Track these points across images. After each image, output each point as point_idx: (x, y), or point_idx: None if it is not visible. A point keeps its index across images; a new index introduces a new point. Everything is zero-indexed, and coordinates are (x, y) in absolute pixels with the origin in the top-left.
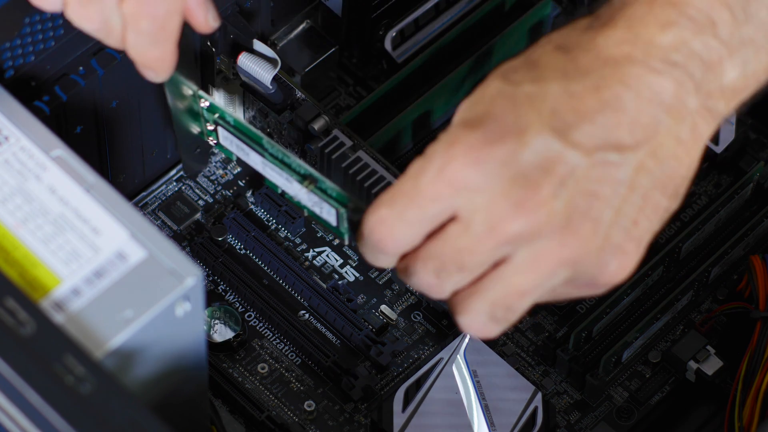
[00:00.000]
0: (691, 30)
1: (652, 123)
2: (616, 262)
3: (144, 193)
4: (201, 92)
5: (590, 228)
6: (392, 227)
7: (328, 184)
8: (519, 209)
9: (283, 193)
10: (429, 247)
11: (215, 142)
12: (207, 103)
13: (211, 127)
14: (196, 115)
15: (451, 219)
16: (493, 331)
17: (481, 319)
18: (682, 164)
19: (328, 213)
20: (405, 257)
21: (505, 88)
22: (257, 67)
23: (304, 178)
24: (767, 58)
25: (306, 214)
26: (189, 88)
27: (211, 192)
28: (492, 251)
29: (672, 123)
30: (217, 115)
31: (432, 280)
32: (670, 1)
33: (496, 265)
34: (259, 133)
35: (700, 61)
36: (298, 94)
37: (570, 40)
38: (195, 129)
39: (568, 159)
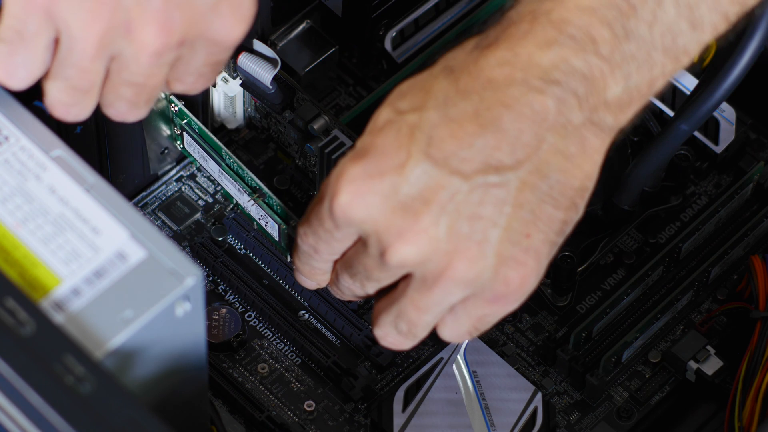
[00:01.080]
0: (572, 48)
1: (534, 141)
2: (515, 274)
3: (144, 193)
4: (172, 97)
5: (476, 249)
6: (314, 242)
7: (275, 200)
8: (401, 239)
9: (237, 204)
10: (346, 257)
11: (182, 146)
12: (176, 108)
13: (178, 131)
14: (167, 118)
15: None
16: (403, 343)
17: (389, 331)
18: (573, 177)
19: (272, 228)
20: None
21: (393, 117)
22: (257, 67)
23: (253, 191)
24: (649, 73)
25: (256, 227)
26: (162, 92)
27: (211, 192)
28: (390, 272)
29: (556, 139)
30: (185, 121)
31: (351, 284)
32: (551, 20)
33: (405, 277)
34: (219, 143)
35: (582, 77)
36: (298, 94)
37: (457, 62)
38: (165, 131)
39: (448, 186)
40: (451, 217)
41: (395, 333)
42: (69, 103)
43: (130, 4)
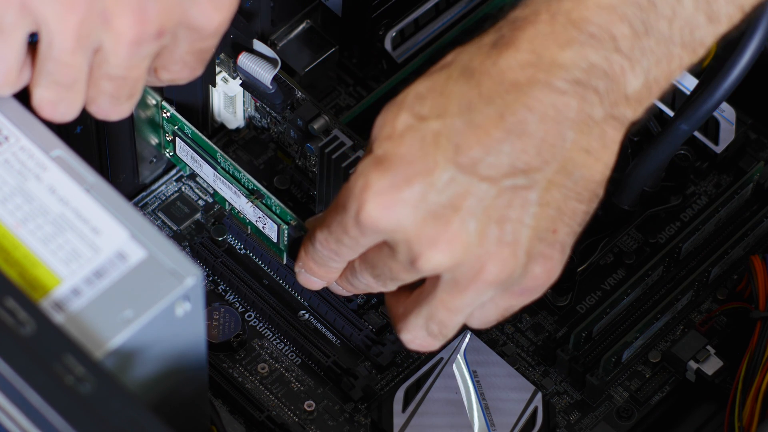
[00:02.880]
0: (593, 46)
1: (559, 141)
2: (541, 268)
3: (144, 193)
4: (164, 103)
5: (509, 251)
6: (337, 247)
7: (274, 200)
8: (433, 247)
9: (231, 209)
10: (368, 258)
11: (171, 153)
12: (168, 114)
13: (169, 138)
14: (156, 126)
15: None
16: (432, 344)
17: (420, 334)
18: (594, 171)
19: (270, 229)
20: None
21: (414, 123)
22: (257, 67)
23: (251, 193)
24: (668, 66)
25: (250, 231)
26: (153, 98)
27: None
28: (420, 275)
29: (579, 136)
30: (176, 126)
31: (371, 282)
32: (571, 19)
33: (431, 276)
34: (214, 146)
35: (603, 74)
36: (298, 94)
37: (475, 63)
38: (153, 140)
39: (477, 192)
40: (480, 221)
41: (425, 335)
42: (54, 100)
43: None
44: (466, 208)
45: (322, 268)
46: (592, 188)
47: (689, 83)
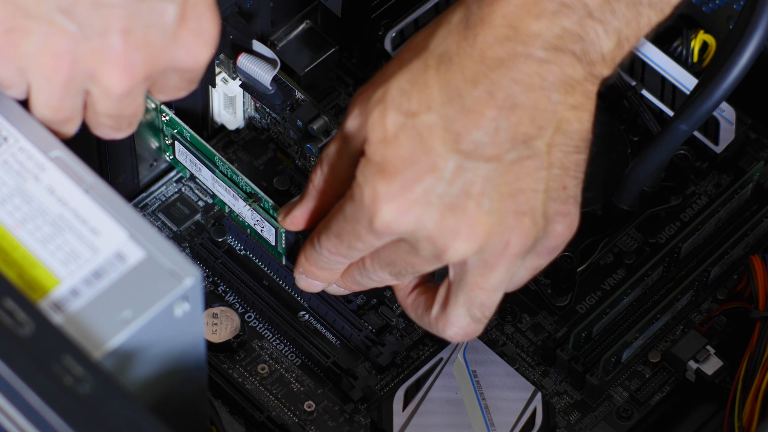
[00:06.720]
0: (565, 14)
1: (549, 105)
2: (561, 225)
3: (144, 194)
4: (163, 107)
5: (527, 220)
6: (347, 252)
7: (271, 203)
8: (457, 237)
9: (230, 212)
10: (384, 256)
11: (171, 157)
12: (167, 118)
13: (169, 142)
14: (156, 129)
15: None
16: (477, 330)
17: (464, 322)
18: (584, 121)
19: (268, 232)
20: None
21: (405, 121)
22: (257, 67)
23: (249, 196)
24: (637, 25)
25: (249, 233)
26: (152, 102)
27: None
28: (444, 264)
29: (565, 97)
30: (175, 130)
31: (389, 278)
32: None
33: (456, 263)
34: (212, 150)
35: (578, 38)
36: (298, 94)
37: (451, 48)
38: (154, 143)
39: (485, 173)
40: (495, 200)
41: (470, 322)
42: (52, 129)
43: (87, 53)
44: (478, 192)
45: (325, 271)
46: (585, 137)
47: (689, 83)
